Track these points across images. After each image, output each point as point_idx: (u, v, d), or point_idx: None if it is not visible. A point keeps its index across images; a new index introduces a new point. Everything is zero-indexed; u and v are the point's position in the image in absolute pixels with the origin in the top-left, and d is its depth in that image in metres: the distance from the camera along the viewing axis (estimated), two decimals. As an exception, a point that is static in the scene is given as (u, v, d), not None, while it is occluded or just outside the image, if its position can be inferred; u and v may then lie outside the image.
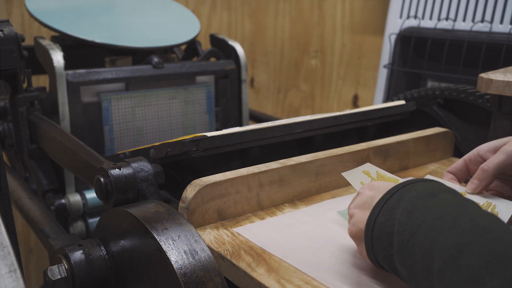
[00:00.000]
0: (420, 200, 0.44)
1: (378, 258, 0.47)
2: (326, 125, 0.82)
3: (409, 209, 0.44)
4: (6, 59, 0.89)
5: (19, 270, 0.40)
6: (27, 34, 1.56)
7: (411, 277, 0.42)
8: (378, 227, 0.46)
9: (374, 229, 0.47)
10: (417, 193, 0.45)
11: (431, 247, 0.39)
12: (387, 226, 0.45)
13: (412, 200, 0.45)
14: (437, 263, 0.38)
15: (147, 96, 1.12)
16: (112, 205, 0.65)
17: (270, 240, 0.60)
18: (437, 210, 0.42)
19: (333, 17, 1.71)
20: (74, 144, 0.81)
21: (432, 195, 0.44)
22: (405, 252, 0.42)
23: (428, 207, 0.43)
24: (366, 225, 0.48)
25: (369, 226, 0.48)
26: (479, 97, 0.89)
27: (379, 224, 0.46)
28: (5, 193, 0.62)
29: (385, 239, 0.45)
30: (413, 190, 0.46)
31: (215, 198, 0.64)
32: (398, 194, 0.47)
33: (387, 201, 0.47)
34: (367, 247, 0.48)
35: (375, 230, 0.47)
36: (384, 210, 0.47)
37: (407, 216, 0.44)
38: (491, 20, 1.17)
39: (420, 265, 0.40)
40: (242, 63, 1.25)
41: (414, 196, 0.45)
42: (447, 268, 0.37)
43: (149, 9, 1.37)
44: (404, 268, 0.43)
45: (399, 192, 0.47)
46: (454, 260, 0.37)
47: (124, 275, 0.61)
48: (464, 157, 0.63)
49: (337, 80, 1.74)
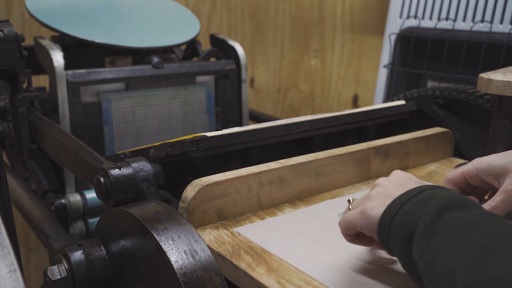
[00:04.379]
0: (452, 203, 0.44)
1: (392, 245, 0.47)
2: (326, 125, 0.82)
3: (440, 205, 0.44)
4: (6, 59, 0.89)
5: (19, 270, 0.40)
6: (27, 34, 1.56)
7: (430, 271, 0.42)
8: (403, 215, 0.46)
9: (397, 215, 0.46)
10: (449, 197, 0.45)
11: (459, 246, 0.40)
12: (414, 217, 0.45)
13: (445, 199, 0.45)
14: (463, 261, 0.38)
15: (147, 96, 1.12)
16: (112, 205, 0.65)
17: (270, 240, 0.60)
18: (468, 216, 0.42)
19: (333, 17, 1.71)
20: (74, 144, 0.81)
21: (463, 205, 0.44)
22: (428, 246, 0.42)
23: (458, 212, 0.43)
24: (386, 210, 0.48)
25: (391, 212, 0.47)
26: (479, 97, 0.89)
27: (404, 213, 0.46)
28: (5, 193, 0.62)
29: (407, 228, 0.45)
30: (445, 194, 0.46)
31: (215, 198, 0.64)
32: (429, 192, 0.47)
33: (417, 194, 0.47)
34: (380, 232, 0.48)
35: (398, 217, 0.46)
36: (414, 201, 0.46)
37: (437, 213, 0.44)
38: (491, 20, 1.17)
39: (442, 261, 0.40)
40: (242, 63, 1.25)
41: (447, 197, 0.45)
42: (474, 267, 0.37)
43: (149, 9, 1.37)
44: (423, 261, 0.43)
45: (429, 191, 0.47)
46: (482, 261, 0.37)
47: (124, 275, 0.61)
48: (463, 170, 0.61)
49: (337, 80, 1.74)
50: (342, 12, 1.68)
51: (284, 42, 1.92)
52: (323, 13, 1.75)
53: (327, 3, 1.73)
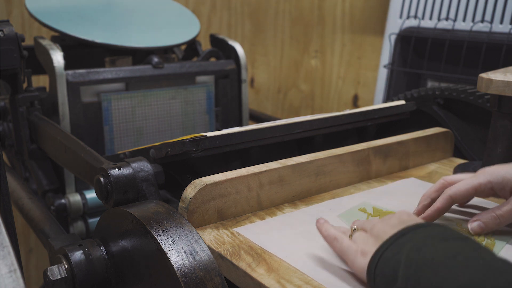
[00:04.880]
0: (431, 240, 0.44)
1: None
2: (326, 125, 0.82)
3: (418, 245, 0.43)
4: (6, 59, 0.89)
5: (19, 270, 0.40)
6: (27, 34, 1.56)
7: None
8: (383, 262, 0.46)
9: (379, 264, 0.46)
10: (429, 234, 0.45)
11: (441, 284, 0.39)
12: (393, 261, 0.45)
13: (423, 238, 0.44)
14: None
15: (147, 96, 1.12)
16: (112, 205, 0.65)
17: (270, 240, 0.60)
18: (449, 249, 0.42)
19: (333, 17, 1.71)
20: (74, 144, 0.81)
21: (444, 239, 0.44)
22: (410, 287, 0.42)
23: (439, 246, 0.43)
24: (372, 258, 0.48)
25: (374, 260, 0.47)
26: (479, 97, 0.89)
27: (384, 259, 0.46)
28: (5, 193, 0.62)
29: (389, 274, 0.45)
30: (425, 231, 0.45)
31: (215, 198, 0.64)
32: (412, 233, 0.46)
33: (398, 238, 0.46)
34: (368, 279, 0.48)
35: (380, 264, 0.46)
36: (394, 245, 0.46)
37: (416, 251, 0.43)
38: (491, 20, 1.17)
39: None
40: (242, 63, 1.25)
41: (426, 235, 0.45)
42: None
43: (149, 9, 1.37)
44: None
45: (411, 233, 0.46)
46: None
47: (124, 275, 0.61)
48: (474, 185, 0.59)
49: (337, 80, 1.74)
50: (342, 12, 1.68)
51: (284, 42, 1.92)
52: (323, 13, 1.75)
53: (327, 3, 1.73)
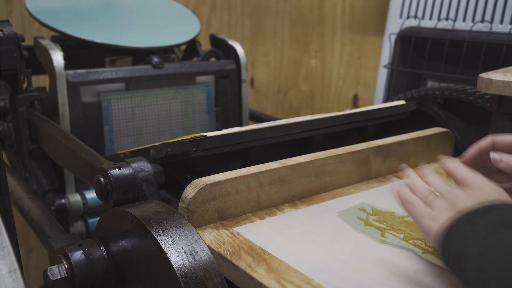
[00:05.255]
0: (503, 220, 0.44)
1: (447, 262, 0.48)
2: (326, 125, 0.82)
3: (496, 227, 0.44)
4: (6, 59, 0.89)
5: (19, 270, 0.40)
6: (27, 34, 1.56)
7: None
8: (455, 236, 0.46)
9: (450, 239, 0.47)
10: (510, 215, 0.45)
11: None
12: (468, 238, 0.45)
13: (502, 219, 0.45)
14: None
15: (147, 96, 1.12)
16: (112, 205, 0.65)
17: (270, 240, 0.60)
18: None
19: (333, 17, 1.71)
20: (74, 144, 0.81)
21: None
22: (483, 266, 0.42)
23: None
24: (446, 228, 0.48)
25: (448, 232, 0.47)
26: (479, 97, 0.89)
27: (458, 233, 0.46)
28: (5, 193, 0.62)
29: (458, 251, 0.45)
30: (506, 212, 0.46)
31: (215, 198, 0.64)
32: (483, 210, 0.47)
33: (479, 215, 0.47)
34: (438, 246, 0.48)
35: (451, 240, 0.47)
36: (471, 222, 0.46)
37: (493, 233, 0.44)
38: (491, 20, 1.17)
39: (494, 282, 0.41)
40: (242, 63, 1.25)
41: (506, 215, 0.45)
42: None
43: (149, 9, 1.37)
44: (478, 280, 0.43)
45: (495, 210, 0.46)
46: None
47: (124, 275, 0.61)
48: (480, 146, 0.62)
49: (337, 80, 1.74)
50: (342, 12, 1.68)
51: (284, 42, 1.92)
52: (323, 13, 1.75)
53: (327, 3, 1.73)
